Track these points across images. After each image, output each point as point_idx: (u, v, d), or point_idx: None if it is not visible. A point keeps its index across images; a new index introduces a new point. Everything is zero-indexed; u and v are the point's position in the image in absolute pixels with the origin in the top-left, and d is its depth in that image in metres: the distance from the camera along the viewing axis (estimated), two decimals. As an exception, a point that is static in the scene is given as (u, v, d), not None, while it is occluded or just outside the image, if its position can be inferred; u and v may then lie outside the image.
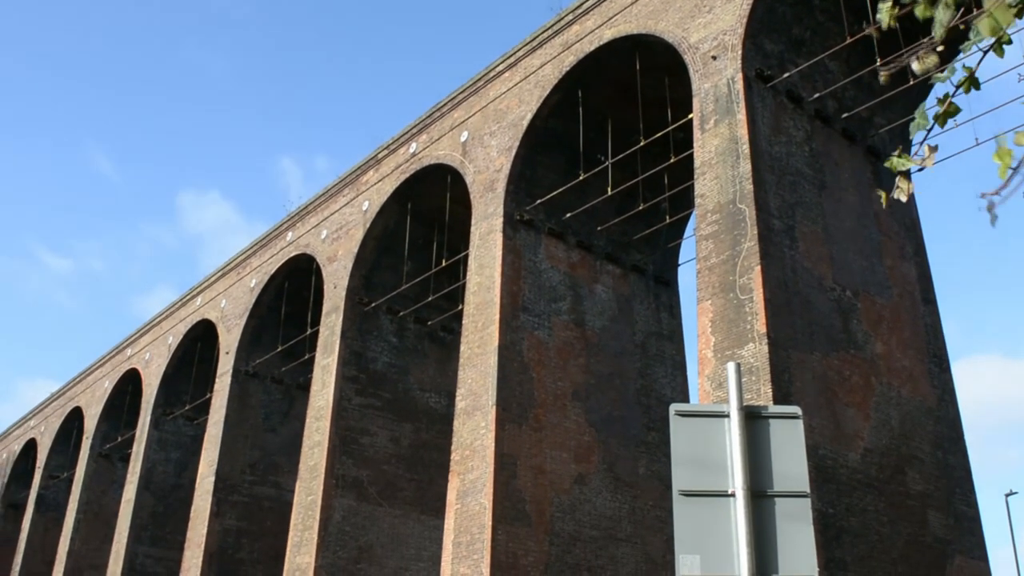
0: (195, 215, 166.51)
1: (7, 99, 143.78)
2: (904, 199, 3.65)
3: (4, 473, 61.92)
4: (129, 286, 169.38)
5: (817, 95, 22.78)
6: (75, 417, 53.74)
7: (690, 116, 22.89)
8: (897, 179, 3.66)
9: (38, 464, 56.41)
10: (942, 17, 3.13)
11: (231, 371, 37.71)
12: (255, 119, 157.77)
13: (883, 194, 3.90)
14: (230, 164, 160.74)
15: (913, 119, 3.38)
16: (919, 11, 3.24)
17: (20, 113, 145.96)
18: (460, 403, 25.58)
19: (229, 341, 38.65)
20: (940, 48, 3.24)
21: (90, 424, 50.40)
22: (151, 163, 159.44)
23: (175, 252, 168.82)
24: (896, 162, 3.55)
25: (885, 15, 3.29)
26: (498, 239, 26.36)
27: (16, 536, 57.39)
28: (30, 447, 59.53)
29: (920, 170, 4.07)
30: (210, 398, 39.39)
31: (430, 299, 31.92)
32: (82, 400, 52.84)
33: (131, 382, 48.05)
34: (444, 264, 31.06)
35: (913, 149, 3.70)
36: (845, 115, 23.27)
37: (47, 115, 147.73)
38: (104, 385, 50.32)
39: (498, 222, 26.59)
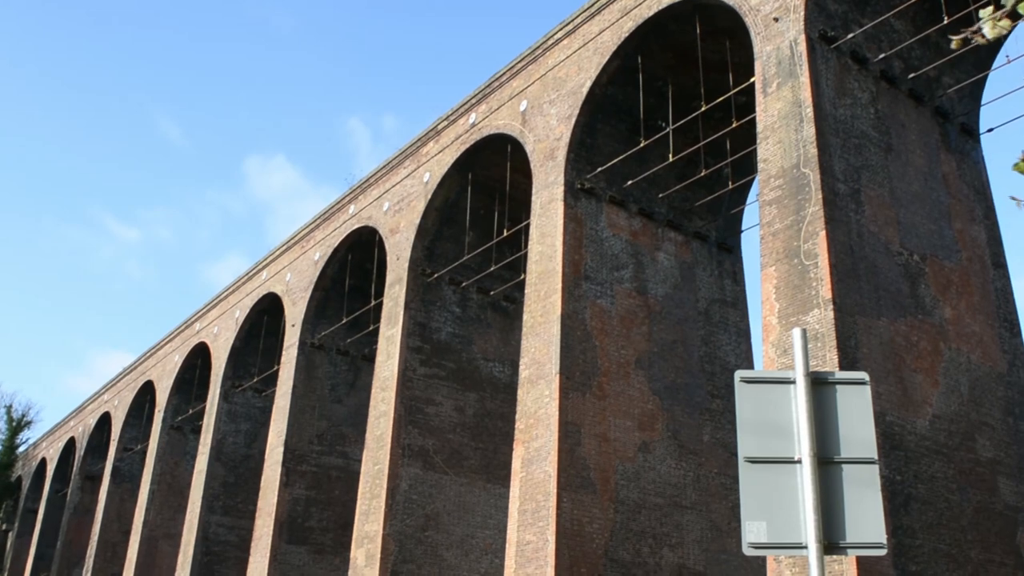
0: (261, 180, 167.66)
1: (73, 66, 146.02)
2: None
3: (81, 446, 63.49)
4: (198, 254, 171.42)
5: (882, 55, 22.34)
6: (147, 391, 54.90)
7: (752, 80, 22.59)
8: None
9: (113, 437, 57.77)
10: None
11: (297, 343, 38.21)
12: (322, 80, 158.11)
13: (1017, 200, 3.88)
14: (296, 127, 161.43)
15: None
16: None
17: (86, 80, 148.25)
18: (523, 372, 25.68)
19: (295, 314, 39.14)
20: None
21: (162, 397, 51.45)
22: (217, 127, 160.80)
23: (243, 219, 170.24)
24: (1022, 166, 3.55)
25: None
26: (559, 208, 26.31)
27: (93, 507, 58.91)
28: (104, 420, 60.96)
29: None
30: (277, 370, 39.98)
31: (492, 269, 32.01)
32: (153, 374, 53.93)
33: (200, 356, 48.93)
34: (506, 234, 31.09)
35: None
36: (912, 75, 22.81)
37: (112, 81, 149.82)
38: (174, 359, 51.29)
39: (559, 191, 26.53)
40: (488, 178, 31.74)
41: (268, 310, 43.09)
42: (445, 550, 30.57)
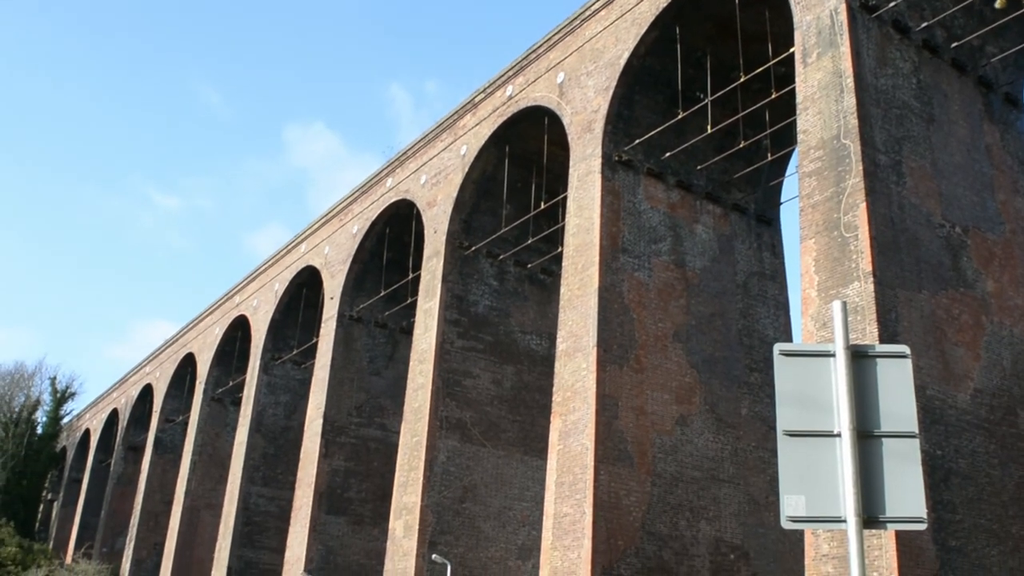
0: (301, 149, 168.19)
1: (115, 35, 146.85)
2: None
3: (123, 417, 64.38)
4: (238, 223, 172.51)
5: (925, 24, 22.01)
6: (188, 363, 55.52)
7: (792, 50, 22.34)
8: None
9: (155, 408, 58.52)
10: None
11: (336, 316, 38.44)
12: (363, 46, 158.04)
13: None
14: (336, 93, 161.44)
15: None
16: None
17: (127, 49, 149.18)
18: (561, 345, 25.69)
19: (333, 286, 39.36)
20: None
21: (202, 369, 52.03)
22: (258, 94, 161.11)
23: (283, 187, 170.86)
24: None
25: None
26: (597, 180, 26.21)
27: (136, 477, 59.78)
28: (147, 392, 61.75)
29: None
30: (316, 343, 40.27)
31: (529, 242, 31.99)
32: (194, 346, 54.51)
33: (240, 328, 49.38)
34: (543, 206, 31.04)
35: None
36: (955, 44, 22.46)
37: (153, 49, 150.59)
38: (215, 331, 51.80)
39: (596, 163, 26.43)
40: (525, 151, 31.66)
41: (307, 283, 43.37)
42: (482, 522, 30.76)
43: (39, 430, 67.51)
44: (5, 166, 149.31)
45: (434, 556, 28.75)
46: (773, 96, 24.79)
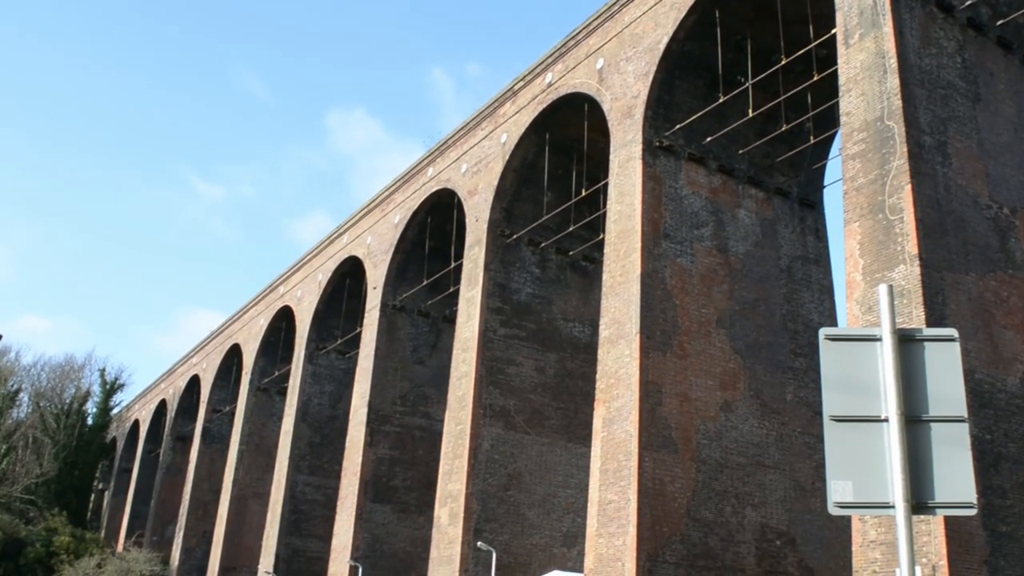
0: (343, 135, 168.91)
1: (157, 23, 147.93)
2: None
3: (171, 408, 65.19)
4: (282, 210, 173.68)
5: (969, 2, 21.66)
6: (234, 353, 56.11)
7: (833, 31, 22.08)
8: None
9: (202, 399, 59.23)
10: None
11: (379, 305, 38.65)
12: (404, 30, 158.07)
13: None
14: (377, 79, 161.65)
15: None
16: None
17: (170, 37, 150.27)
18: (604, 332, 25.66)
19: (376, 276, 39.55)
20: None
21: (248, 360, 52.53)
22: (300, 81, 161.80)
23: (325, 174, 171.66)
24: None
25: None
26: (638, 166, 26.12)
27: (185, 467, 60.55)
28: (194, 383, 62.49)
29: None
30: (360, 332, 40.52)
31: (571, 229, 31.95)
32: (240, 337, 55.05)
33: (285, 319, 49.80)
34: (584, 194, 30.98)
35: None
36: (1000, 22, 22.10)
37: (195, 36, 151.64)
38: (260, 322, 52.26)
39: (637, 149, 26.32)
40: (565, 138, 31.61)
41: (350, 273, 43.63)
42: (527, 509, 30.84)
43: (89, 421, 68.59)
44: (52, 158, 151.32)
45: (479, 543, 28.87)
46: (815, 78, 24.55)
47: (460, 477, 30.06)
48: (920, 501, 5.22)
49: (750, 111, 25.53)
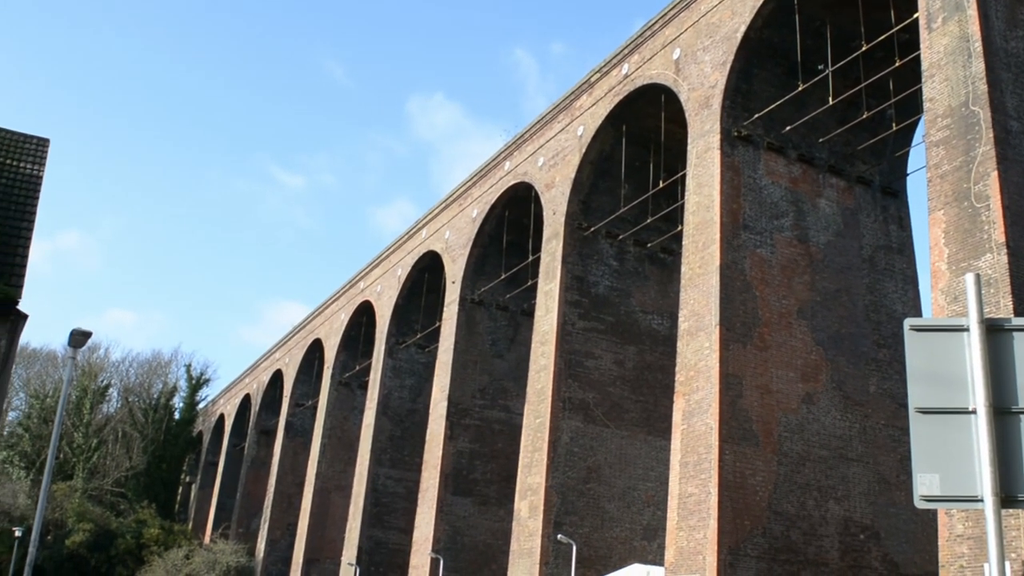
0: (423, 121, 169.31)
1: (236, 12, 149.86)
2: None
3: (255, 402, 66.40)
4: (364, 198, 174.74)
5: (1059, -17, 21.07)
6: (316, 348, 56.96)
7: (915, 15, 21.66)
8: None
9: (285, 393, 60.23)
10: None
11: (458, 300, 38.90)
12: (484, 11, 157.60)
13: None
14: (458, 61, 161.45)
15: None
16: None
17: (252, 25, 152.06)
18: (683, 324, 25.52)
19: (455, 271, 39.81)
20: None
21: (329, 354, 53.28)
22: (381, 66, 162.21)
23: (406, 161, 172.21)
24: None
25: None
26: (716, 157, 25.90)
27: (269, 460, 61.65)
28: (277, 377, 63.57)
29: None
30: (439, 326, 40.84)
31: (649, 221, 31.80)
32: (321, 332, 55.84)
33: (365, 313, 50.40)
34: (662, 185, 30.82)
35: None
36: (1092, 2, 21.45)
37: (277, 23, 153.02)
38: (340, 317, 52.95)
39: (715, 139, 26.10)
40: (642, 129, 31.46)
41: (428, 267, 43.98)
42: (607, 502, 30.83)
43: (176, 415, 70.14)
44: (137, 150, 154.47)
45: (559, 536, 28.93)
46: (897, 64, 24.10)
47: (540, 470, 30.15)
48: (1009, 494, 5.13)
49: (830, 99, 25.16)
